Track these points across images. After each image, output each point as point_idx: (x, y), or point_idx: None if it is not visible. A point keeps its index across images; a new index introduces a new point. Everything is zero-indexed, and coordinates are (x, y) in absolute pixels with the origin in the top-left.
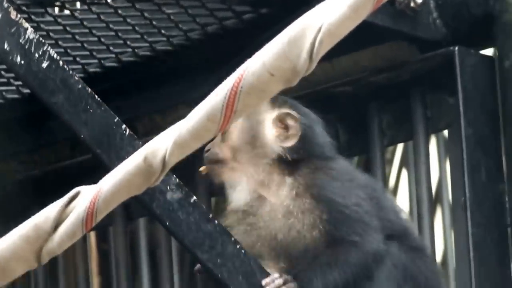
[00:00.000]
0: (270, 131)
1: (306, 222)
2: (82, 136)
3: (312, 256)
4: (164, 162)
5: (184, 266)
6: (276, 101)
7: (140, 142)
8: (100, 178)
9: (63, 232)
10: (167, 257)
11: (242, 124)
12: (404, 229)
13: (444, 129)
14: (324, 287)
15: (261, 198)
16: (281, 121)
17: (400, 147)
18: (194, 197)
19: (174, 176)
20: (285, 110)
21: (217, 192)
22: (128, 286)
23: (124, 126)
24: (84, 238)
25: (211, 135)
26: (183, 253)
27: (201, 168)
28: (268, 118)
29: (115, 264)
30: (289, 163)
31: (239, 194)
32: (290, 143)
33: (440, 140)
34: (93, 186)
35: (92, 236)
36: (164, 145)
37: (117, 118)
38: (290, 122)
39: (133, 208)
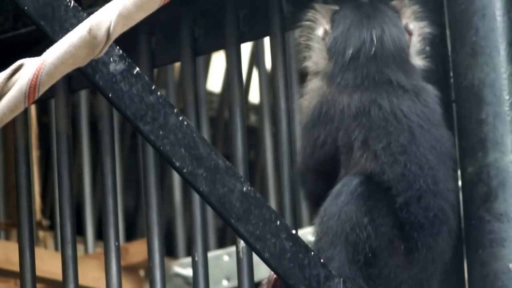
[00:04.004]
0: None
1: None
2: (25, 8)
3: None
4: (108, 33)
5: (125, 138)
6: None
7: (85, 14)
8: (44, 50)
9: (5, 105)
10: (108, 129)
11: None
12: None
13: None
14: None
15: None
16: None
17: None
18: (137, 68)
19: (118, 47)
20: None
21: (159, 63)
22: (68, 159)
23: None
24: (25, 111)
25: (155, 6)
26: (125, 125)
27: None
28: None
29: (56, 136)
30: None
31: None
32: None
33: None
34: (36, 58)
35: (33, 108)
36: (108, 16)
37: None
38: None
39: (75, 80)
